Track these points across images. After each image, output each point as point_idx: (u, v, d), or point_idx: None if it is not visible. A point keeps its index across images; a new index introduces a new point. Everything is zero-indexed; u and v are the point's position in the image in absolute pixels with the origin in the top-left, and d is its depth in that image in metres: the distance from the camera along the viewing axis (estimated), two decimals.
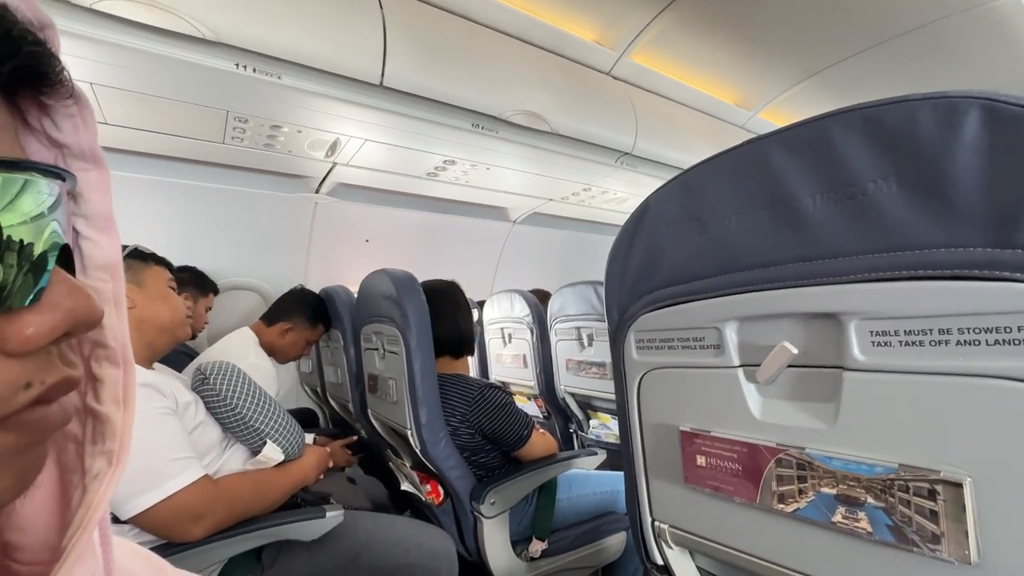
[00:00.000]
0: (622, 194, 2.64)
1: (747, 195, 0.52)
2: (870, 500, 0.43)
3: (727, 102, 2.45)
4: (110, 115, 1.50)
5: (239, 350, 1.56)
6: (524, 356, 2.17)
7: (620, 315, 0.68)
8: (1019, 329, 0.35)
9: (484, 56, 1.71)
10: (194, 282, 1.87)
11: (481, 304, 2.51)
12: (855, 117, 0.43)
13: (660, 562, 0.67)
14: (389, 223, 2.64)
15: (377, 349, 1.43)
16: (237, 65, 1.32)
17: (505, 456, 1.37)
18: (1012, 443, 0.36)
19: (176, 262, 1.75)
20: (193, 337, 1.98)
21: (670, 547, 0.64)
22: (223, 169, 1.99)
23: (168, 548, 0.87)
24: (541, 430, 1.39)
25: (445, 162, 2.06)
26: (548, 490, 1.38)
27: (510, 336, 2.25)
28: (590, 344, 1.87)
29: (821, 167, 0.46)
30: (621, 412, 0.69)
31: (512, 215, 2.99)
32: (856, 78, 2.18)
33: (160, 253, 1.14)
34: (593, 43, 1.98)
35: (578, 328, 1.89)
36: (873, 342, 0.43)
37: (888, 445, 0.43)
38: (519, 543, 1.33)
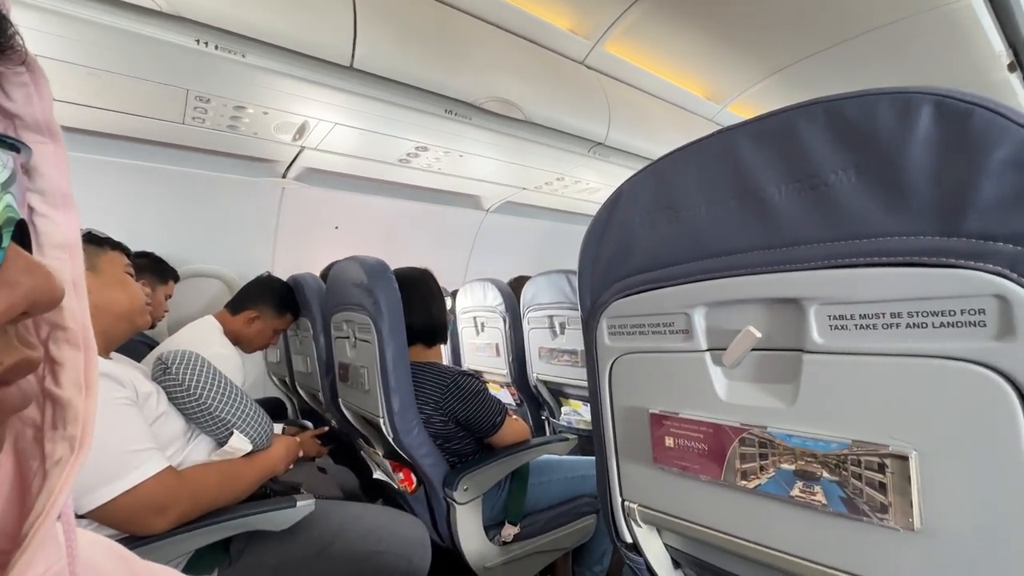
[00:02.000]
0: (594, 184, 2.66)
1: (716, 184, 0.53)
2: (825, 474, 0.46)
3: (697, 95, 2.49)
4: (58, 91, 1.41)
5: (202, 339, 1.51)
6: (497, 345, 2.18)
7: (593, 302, 0.69)
8: (962, 312, 0.38)
9: (457, 41, 1.68)
10: (152, 268, 1.79)
11: (454, 293, 2.50)
12: (818, 110, 0.45)
13: (629, 540, 0.69)
14: (360, 210, 2.59)
15: (348, 337, 1.41)
16: (198, 41, 1.26)
17: (478, 443, 1.38)
18: (952, 418, 0.39)
19: (133, 248, 1.68)
20: (152, 326, 1.90)
21: (639, 525, 0.66)
22: (183, 151, 1.90)
23: (131, 541, 0.84)
24: (514, 416, 1.41)
25: (417, 148, 2.03)
26: (520, 475, 1.40)
27: (483, 325, 2.25)
28: (562, 332, 1.89)
29: (786, 158, 0.47)
30: (593, 396, 0.71)
31: (485, 204, 2.98)
32: (820, 75, 2.26)
33: (116, 238, 1.08)
34: (567, 31, 1.97)
35: (550, 316, 1.91)
36: (831, 325, 0.45)
37: (843, 422, 0.45)
38: (492, 528, 1.34)
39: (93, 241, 1.00)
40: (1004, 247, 0.36)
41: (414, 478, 1.36)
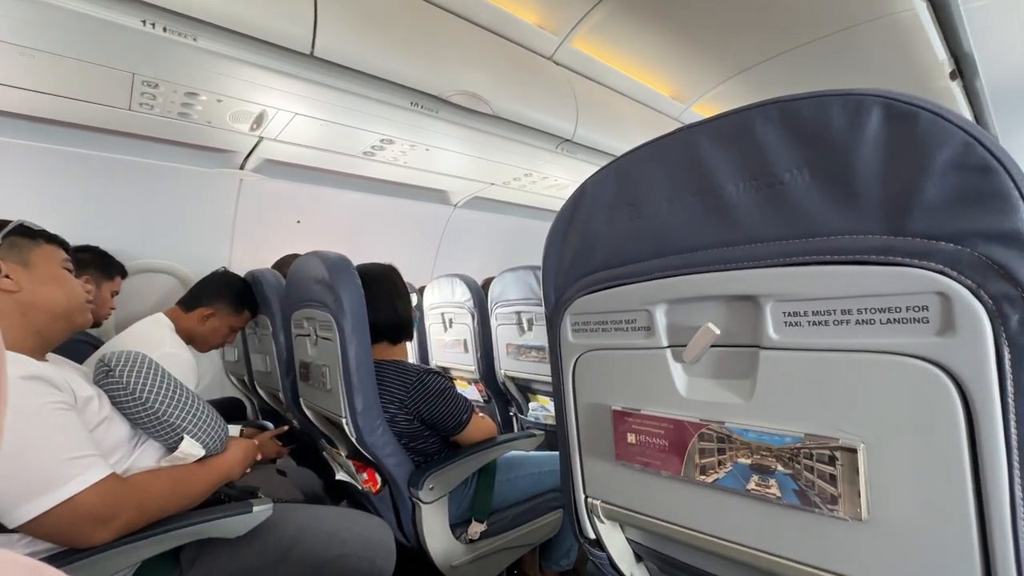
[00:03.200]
0: (563, 180, 2.67)
1: (677, 182, 0.53)
2: (779, 468, 0.47)
3: (663, 94, 2.53)
4: None
5: (152, 338, 1.43)
6: (465, 341, 2.16)
7: (557, 298, 0.69)
8: (907, 309, 0.39)
9: (423, 32, 1.65)
10: (96, 263, 1.69)
11: (421, 290, 2.47)
12: (774, 110, 0.45)
13: (592, 536, 0.69)
14: (323, 203, 2.52)
15: (309, 335, 1.36)
16: (144, 22, 1.19)
17: (444, 441, 1.36)
18: (897, 411, 0.41)
19: (76, 241, 1.57)
20: (98, 325, 1.79)
21: (601, 521, 0.67)
22: (131, 139, 1.80)
23: (70, 553, 0.79)
24: (480, 414, 1.40)
25: (382, 141, 1.98)
26: (487, 473, 1.39)
27: (451, 321, 2.23)
28: (530, 328, 1.89)
29: (744, 156, 0.48)
30: (557, 393, 0.70)
31: (453, 198, 2.94)
32: (778, 78, 2.33)
33: (55, 231, 1.01)
34: (536, 26, 1.96)
35: (518, 313, 1.91)
36: (786, 322, 0.46)
37: (796, 417, 0.46)
38: (458, 526, 1.33)
39: (26, 234, 0.93)
40: (946, 246, 0.37)
41: (379, 478, 1.33)
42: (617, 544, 0.69)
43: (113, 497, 0.80)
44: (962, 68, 2.13)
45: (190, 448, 0.96)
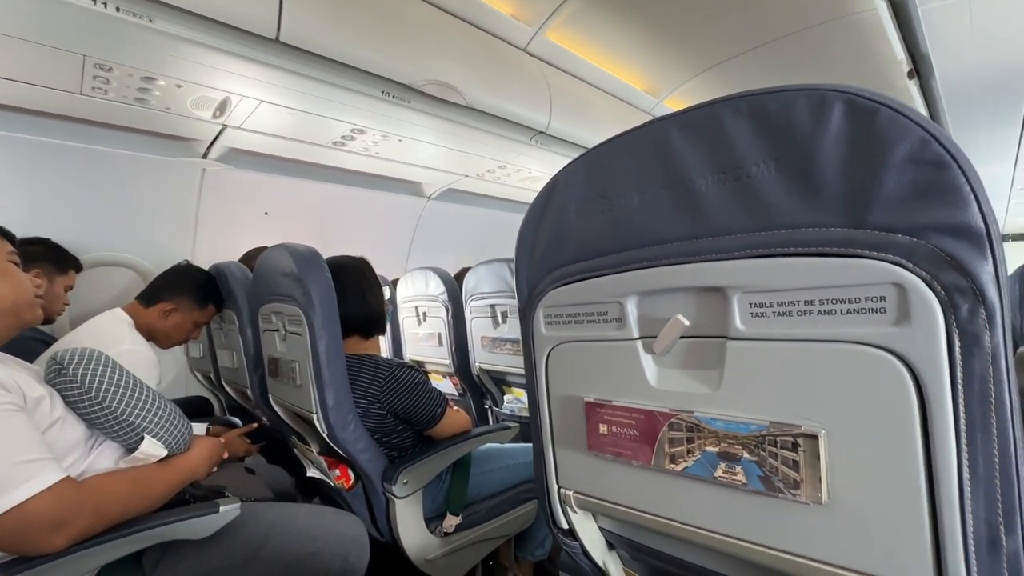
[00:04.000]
0: (537, 173, 2.67)
1: (648, 174, 0.54)
2: (745, 455, 0.48)
3: (636, 88, 2.55)
4: None
5: (109, 335, 1.37)
6: (439, 334, 2.15)
7: (529, 291, 0.68)
8: (865, 299, 0.40)
9: (394, 19, 1.61)
10: (48, 256, 1.60)
11: (394, 282, 2.43)
12: (742, 103, 0.46)
13: (565, 526, 0.70)
14: (292, 195, 2.45)
15: (278, 330, 1.33)
16: (95, 1, 1.12)
17: (418, 435, 1.35)
18: (855, 398, 0.42)
19: (26, 233, 1.49)
20: (50, 322, 1.71)
21: (575, 512, 0.67)
22: (85, 125, 1.71)
23: (24, 560, 0.75)
24: (455, 407, 1.39)
25: (353, 131, 1.94)
26: (462, 466, 1.39)
27: (425, 314, 2.21)
28: (504, 321, 1.89)
29: (713, 149, 0.48)
30: (530, 386, 0.71)
31: (426, 190, 2.91)
32: (750, 73, 2.38)
33: (1, 223, 0.96)
34: (509, 17, 1.95)
35: (492, 305, 1.90)
36: (752, 313, 0.47)
37: (762, 405, 0.47)
38: (433, 520, 1.33)
39: None
40: (902, 239, 0.38)
41: (351, 474, 1.31)
42: (589, 533, 0.70)
43: (67, 502, 0.77)
44: (919, 67, 2.21)
45: (151, 448, 0.93)
